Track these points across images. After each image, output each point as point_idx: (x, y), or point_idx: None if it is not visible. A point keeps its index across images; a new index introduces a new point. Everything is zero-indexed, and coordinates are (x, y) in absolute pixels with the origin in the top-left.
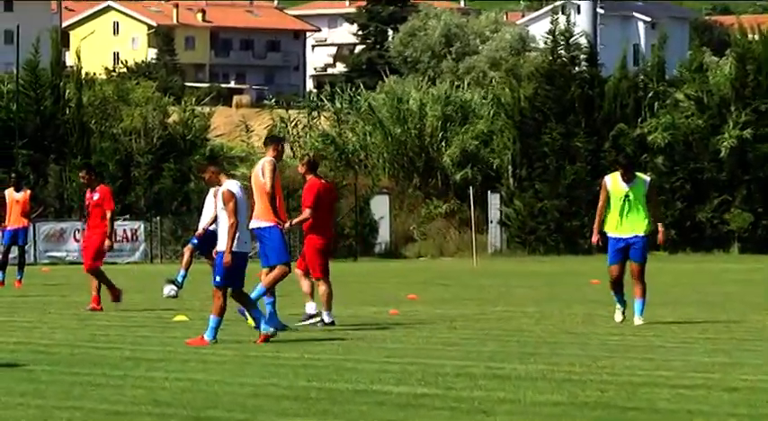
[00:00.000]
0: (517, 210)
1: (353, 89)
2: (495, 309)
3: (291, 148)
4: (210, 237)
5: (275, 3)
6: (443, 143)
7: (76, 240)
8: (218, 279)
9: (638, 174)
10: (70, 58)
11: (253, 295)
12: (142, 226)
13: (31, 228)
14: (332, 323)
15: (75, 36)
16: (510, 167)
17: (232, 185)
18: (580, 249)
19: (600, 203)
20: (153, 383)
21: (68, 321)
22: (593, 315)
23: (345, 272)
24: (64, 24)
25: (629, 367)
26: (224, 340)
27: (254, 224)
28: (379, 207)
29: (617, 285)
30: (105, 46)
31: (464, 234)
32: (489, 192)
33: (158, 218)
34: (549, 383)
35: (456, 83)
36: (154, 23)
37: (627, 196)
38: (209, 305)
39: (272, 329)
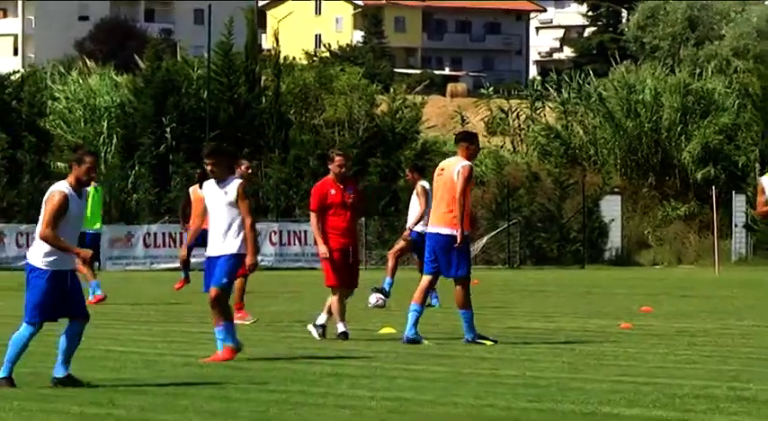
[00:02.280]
0: None
1: (582, 77)
2: (740, 324)
3: (512, 143)
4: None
5: None
6: (682, 138)
7: (273, 243)
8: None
9: None
10: (267, 41)
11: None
12: None
13: None
14: (344, 333)
15: (272, 17)
16: (758, 165)
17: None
18: None
19: None
20: (357, 402)
21: (263, 333)
22: None
23: (572, 280)
24: (260, 3)
25: None
26: (436, 355)
27: (433, 228)
28: (610, 209)
29: None
30: (306, 27)
31: (705, 239)
32: (734, 192)
33: (363, 219)
34: None
35: (697, 70)
36: (360, 2)
37: None
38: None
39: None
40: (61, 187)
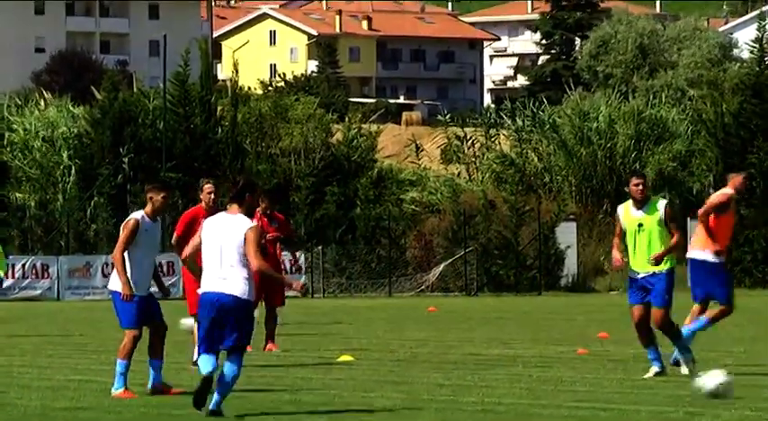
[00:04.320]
0: None
1: (536, 104)
2: (696, 350)
3: (467, 171)
4: None
5: (449, 9)
6: (636, 164)
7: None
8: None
9: None
10: (222, 72)
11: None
12: (303, 256)
13: None
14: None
15: (227, 47)
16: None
17: None
18: None
19: None
20: None
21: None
22: None
23: (529, 307)
24: (215, 34)
25: None
26: (394, 382)
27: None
28: (566, 235)
29: None
30: (261, 57)
31: None
32: (689, 218)
33: (320, 247)
34: None
35: (651, 100)
36: (314, 32)
37: None
38: (377, 344)
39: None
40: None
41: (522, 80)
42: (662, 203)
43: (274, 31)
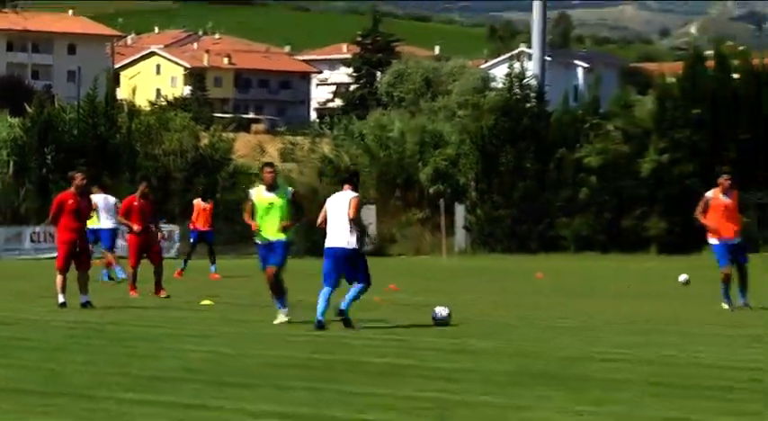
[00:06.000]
0: (478, 217)
1: (348, 120)
2: (463, 298)
3: (299, 168)
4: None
5: (287, 49)
6: (420, 163)
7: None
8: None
9: None
10: (121, 93)
11: None
12: (177, 229)
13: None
14: (86, 303)
15: (124, 76)
16: (473, 183)
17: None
18: (528, 249)
19: None
20: (183, 354)
21: (116, 304)
22: (540, 303)
23: None
24: (116, 66)
25: (567, 344)
26: (243, 320)
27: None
28: (368, 215)
29: None
30: (149, 84)
31: (436, 237)
32: (456, 203)
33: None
34: (503, 357)
35: (431, 117)
36: (189, 66)
37: None
38: (230, 292)
39: None
40: None
41: (338, 102)
42: (289, 190)
43: (159, 65)
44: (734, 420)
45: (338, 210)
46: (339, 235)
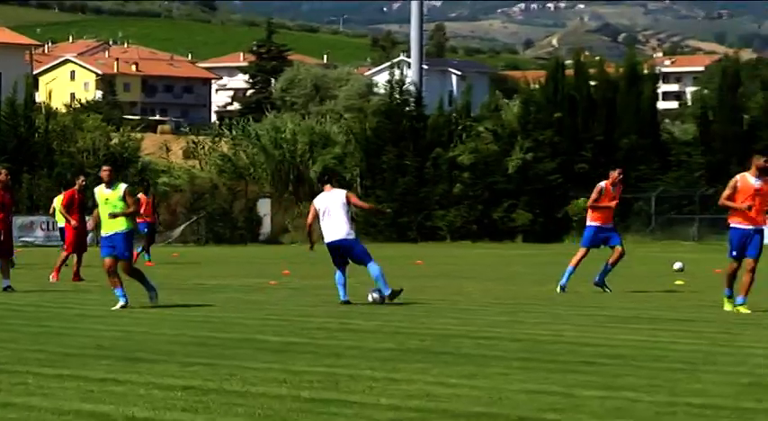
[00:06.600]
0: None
1: (246, 121)
2: (350, 282)
3: (200, 164)
4: None
5: (189, 57)
6: (310, 161)
7: (42, 230)
8: None
9: None
10: (39, 97)
11: None
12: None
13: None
14: (7, 287)
15: (42, 81)
16: (358, 178)
17: None
18: (408, 239)
19: None
20: (96, 333)
21: (35, 288)
22: (421, 286)
23: (239, 254)
24: (34, 72)
25: (443, 323)
26: (151, 305)
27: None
28: (264, 207)
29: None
30: (65, 88)
31: None
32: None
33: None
34: (384, 335)
35: (320, 119)
36: (100, 72)
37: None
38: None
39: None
40: None
41: (237, 105)
42: (122, 186)
43: (74, 71)
44: (591, 392)
45: (333, 207)
46: (339, 228)
